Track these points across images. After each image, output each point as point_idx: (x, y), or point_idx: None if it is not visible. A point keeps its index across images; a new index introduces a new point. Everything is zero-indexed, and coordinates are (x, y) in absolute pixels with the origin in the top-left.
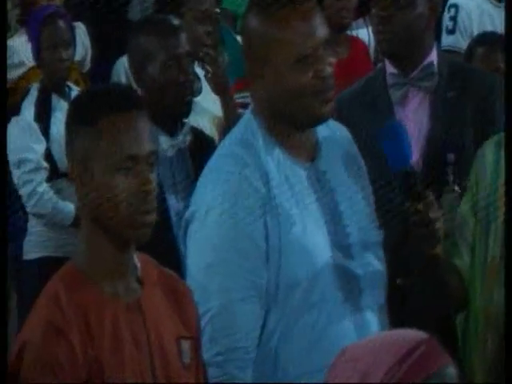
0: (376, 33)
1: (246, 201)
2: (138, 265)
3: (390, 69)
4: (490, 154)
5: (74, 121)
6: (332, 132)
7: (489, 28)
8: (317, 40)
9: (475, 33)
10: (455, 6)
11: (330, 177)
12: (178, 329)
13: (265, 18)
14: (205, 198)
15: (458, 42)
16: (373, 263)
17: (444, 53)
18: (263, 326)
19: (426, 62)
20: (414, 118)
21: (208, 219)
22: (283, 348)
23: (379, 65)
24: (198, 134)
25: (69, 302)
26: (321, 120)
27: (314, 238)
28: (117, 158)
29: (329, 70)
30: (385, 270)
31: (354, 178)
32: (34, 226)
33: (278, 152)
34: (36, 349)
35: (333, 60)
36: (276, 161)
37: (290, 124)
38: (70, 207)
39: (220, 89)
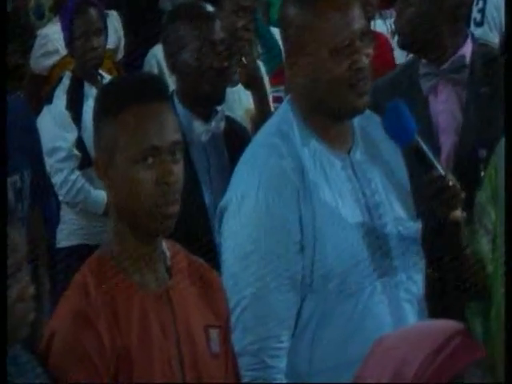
0: (401, 28)
1: (282, 191)
2: (168, 253)
3: (424, 60)
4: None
5: (100, 110)
6: (368, 121)
7: None
8: (354, 31)
9: (504, 24)
10: None
11: (366, 167)
12: (206, 318)
13: (303, 7)
14: (240, 186)
15: (486, 34)
16: (410, 253)
17: (482, 46)
18: (298, 316)
19: (457, 55)
20: (445, 111)
21: (243, 208)
22: (319, 338)
23: (413, 57)
24: (231, 121)
25: (97, 292)
26: (356, 112)
27: (348, 227)
28: (138, 149)
29: (365, 61)
30: (423, 261)
31: (390, 168)
32: (66, 215)
33: (314, 143)
34: (64, 338)
35: (370, 51)
36: (312, 152)
37: (325, 115)
38: (101, 195)
39: (251, 83)
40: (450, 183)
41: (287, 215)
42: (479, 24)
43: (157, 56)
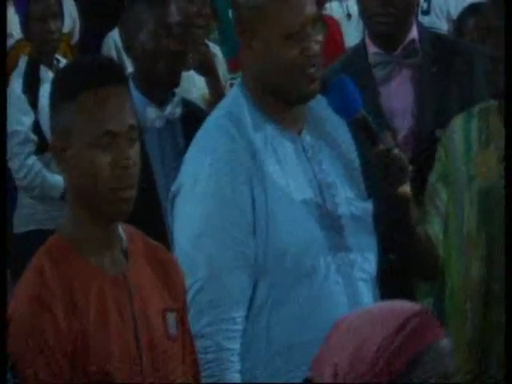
0: (373, 15)
1: (233, 172)
2: (124, 236)
3: (373, 48)
4: (459, 127)
5: (57, 94)
6: (317, 103)
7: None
8: (305, 17)
9: (452, 12)
10: None
11: (316, 148)
12: (164, 300)
13: None
14: (192, 169)
15: (433, 22)
16: (362, 233)
17: (424, 28)
18: (253, 298)
19: (407, 40)
20: (399, 96)
21: (195, 190)
22: (275, 319)
23: (357, 43)
24: (190, 106)
25: (53, 275)
26: (307, 98)
27: (301, 207)
28: (95, 134)
29: (316, 47)
30: (375, 241)
31: (340, 147)
32: (23, 199)
33: (265, 125)
34: (20, 322)
35: (320, 38)
36: (263, 134)
37: (277, 98)
38: (58, 180)
39: (204, 68)
40: (396, 155)
41: (239, 196)
42: (426, 12)
43: (115, 39)
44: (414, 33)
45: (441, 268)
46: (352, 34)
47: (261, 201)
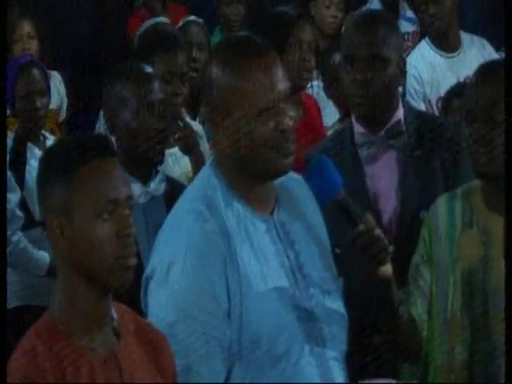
0: (352, 96)
1: (208, 257)
2: (115, 316)
3: (358, 128)
4: (442, 206)
5: (49, 172)
6: (290, 182)
7: (443, 79)
8: (278, 93)
9: (427, 91)
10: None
11: (289, 228)
12: (154, 380)
13: (226, 69)
14: (166, 254)
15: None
16: (335, 309)
17: (410, 108)
18: (228, 381)
19: (393, 121)
20: (384, 176)
21: (170, 275)
22: None
23: (345, 123)
24: (173, 183)
25: (45, 357)
26: (280, 173)
27: (273, 294)
28: (98, 205)
29: (289, 123)
30: (346, 316)
31: (312, 227)
32: (8, 276)
33: (237, 205)
34: None
35: (293, 114)
36: (236, 215)
37: (249, 176)
38: (44, 256)
39: (188, 148)
40: (377, 236)
41: (215, 282)
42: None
43: None
44: (399, 114)
45: (424, 349)
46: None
47: (235, 285)
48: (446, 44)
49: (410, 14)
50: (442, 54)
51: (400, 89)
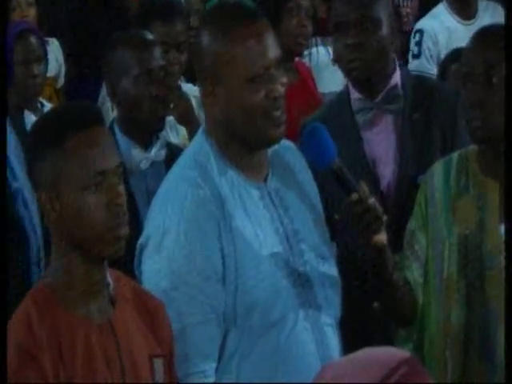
0: (346, 62)
1: (202, 223)
2: (111, 282)
3: (355, 94)
4: (439, 173)
5: (38, 144)
6: (283, 150)
7: (459, 45)
8: (269, 60)
9: (443, 55)
10: (420, 31)
11: (282, 195)
12: (150, 347)
13: (217, 37)
14: (159, 221)
15: (422, 66)
16: (330, 274)
17: (407, 73)
18: (222, 348)
19: (390, 85)
20: (382, 141)
21: (164, 242)
22: (244, 369)
23: (341, 89)
24: (173, 149)
25: (40, 325)
26: (272, 142)
27: (268, 260)
28: (86, 176)
29: (281, 90)
30: (339, 284)
31: (305, 193)
32: None
33: (230, 173)
34: (9, 371)
35: (285, 80)
36: (229, 182)
37: (242, 145)
38: None
39: (184, 118)
40: (370, 205)
41: (209, 248)
42: (416, 56)
43: None
44: (396, 78)
45: (420, 314)
46: (337, 79)
47: (230, 251)
48: (465, 11)
49: None
50: (460, 20)
51: (416, 49)
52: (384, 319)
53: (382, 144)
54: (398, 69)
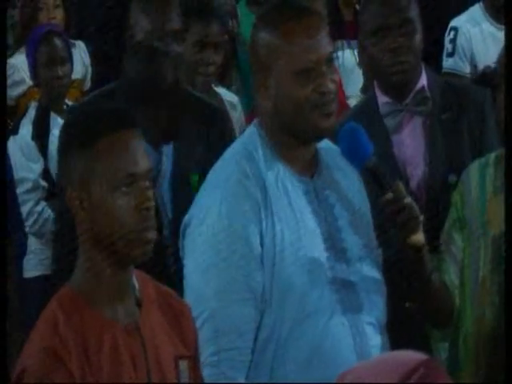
0: (385, 66)
1: (243, 205)
2: (137, 284)
3: (383, 98)
4: (475, 173)
5: (70, 144)
6: (332, 151)
7: (492, 50)
8: (319, 55)
9: (476, 55)
10: (455, 28)
11: (328, 193)
12: (176, 348)
13: (271, 31)
14: (203, 201)
15: (456, 64)
16: (372, 276)
17: (434, 74)
18: (258, 331)
19: (417, 87)
20: (411, 144)
21: (205, 222)
22: (280, 356)
23: (368, 94)
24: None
25: (67, 328)
26: (322, 134)
27: (308, 247)
28: (117, 178)
29: (330, 85)
30: (384, 285)
31: (352, 198)
32: (33, 245)
33: (277, 165)
34: (35, 375)
35: (335, 78)
36: (275, 173)
37: (291, 137)
38: None
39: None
40: (406, 204)
41: (248, 229)
42: (450, 54)
43: None
44: (423, 80)
45: (456, 315)
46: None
47: (269, 235)
48: (500, 15)
49: None
50: (494, 23)
51: (450, 47)
52: (418, 319)
53: (411, 146)
54: (424, 71)
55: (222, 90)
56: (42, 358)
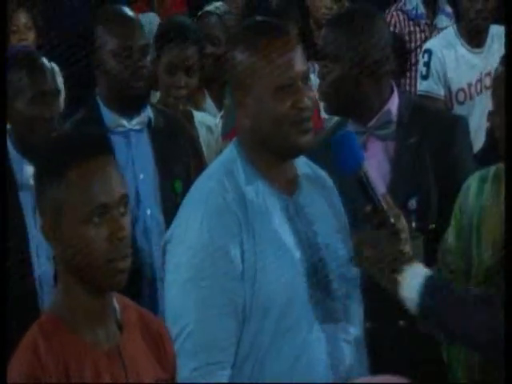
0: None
1: (224, 221)
2: (117, 307)
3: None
4: (474, 186)
5: (42, 173)
6: (313, 171)
7: (465, 73)
8: (296, 71)
9: (449, 78)
10: (428, 51)
11: (308, 210)
12: (156, 371)
13: (247, 49)
14: (184, 216)
15: (431, 87)
16: (350, 293)
17: (408, 97)
18: (238, 347)
19: (383, 111)
20: (375, 165)
21: (187, 237)
22: (258, 371)
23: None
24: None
25: (48, 353)
26: (300, 150)
27: (289, 265)
28: (88, 208)
29: (307, 102)
30: (361, 304)
31: (333, 218)
32: None
33: (257, 182)
34: None
35: (312, 94)
36: (255, 190)
37: (270, 154)
38: None
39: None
40: (391, 219)
41: (229, 245)
42: (425, 77)
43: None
44: (391, 103)
45: None
46: None
47: (250, 250)
48: (474, 39)
49: (448, 8)
50: (469, 48)
51: (424, 70)
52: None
53: (374, 168)
54: (396, 94)
55: (199, 114)
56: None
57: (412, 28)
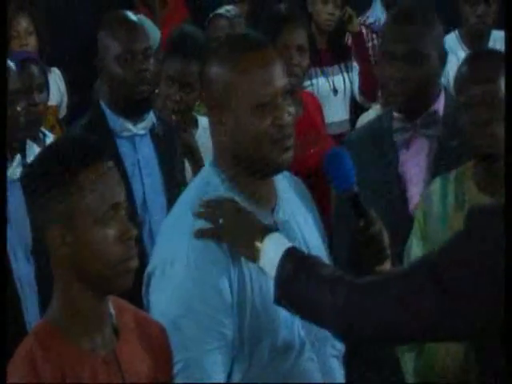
0: (388, 92)
1: (211, 253)
2: (113, 312)
3: (396, 113)
4: (436, 188)
5: (47, 179)
6: (289, 183)
7: None
8: (275, 88)
9: (451, 82)
10: None
11: (289, 226)
12: (153, 374)
13: (224, 65)
14: (168, 251)
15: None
16: None
17: (454, 98)
18: (229, 377)
19: (430, 110)
20: (415, 162)
21: (174, 271)
22: None
23: (387, 109)
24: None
25: (45, 362)
26: (280, 168)
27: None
28: (100, 210)
29: (288, 118)
30: None
31: (314, 225)
32: None
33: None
34: None
35: (292, 110)
36: None
37: (249, 172)
38: None
39: (187, 151)
40: (375, 235)
41: (218, 277)
42: None
43: None
44: (437, 105)
45: None
46: (339, 109)
47: (238, 280)
48: (477, 44)
49: None
50: (468, 52)
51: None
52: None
53: (414, 166)
54: (443, 95)
55: (203, 119)
56: None
57: (376, 41)
